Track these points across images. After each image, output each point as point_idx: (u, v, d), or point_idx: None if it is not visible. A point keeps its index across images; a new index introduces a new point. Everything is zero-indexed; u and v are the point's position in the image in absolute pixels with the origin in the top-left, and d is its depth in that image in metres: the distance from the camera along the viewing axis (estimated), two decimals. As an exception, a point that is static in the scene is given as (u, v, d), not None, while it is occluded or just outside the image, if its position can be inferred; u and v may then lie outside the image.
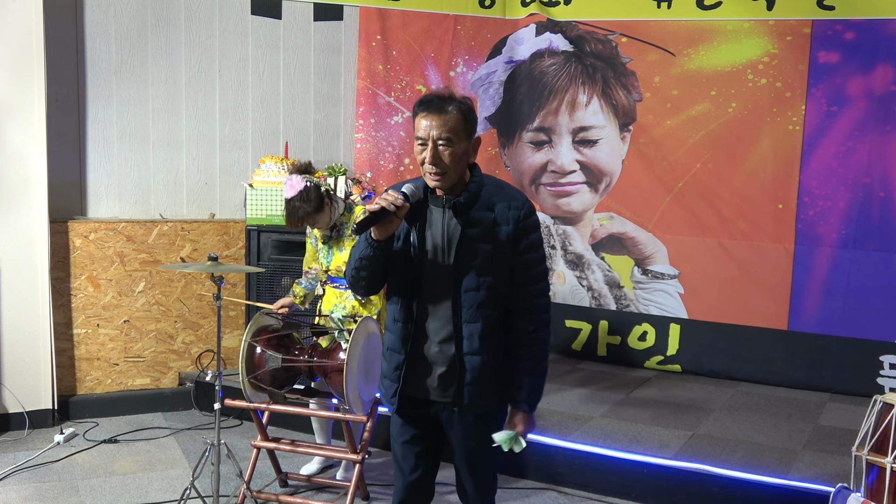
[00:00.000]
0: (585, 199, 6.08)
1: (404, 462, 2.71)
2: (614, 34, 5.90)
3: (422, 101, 2.49)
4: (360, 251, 2.50)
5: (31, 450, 4.66)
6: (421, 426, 2.68)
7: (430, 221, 2.53)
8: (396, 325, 2.59)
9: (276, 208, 5.26)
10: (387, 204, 2.39)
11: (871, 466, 3.27)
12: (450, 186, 2.52)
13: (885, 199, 5.22)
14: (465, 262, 2.50)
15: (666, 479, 4.10)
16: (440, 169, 2.46)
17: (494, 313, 2.55)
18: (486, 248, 2.51)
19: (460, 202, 2.51)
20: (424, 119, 2.46)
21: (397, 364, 2.60)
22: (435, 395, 2.60)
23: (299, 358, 3.85)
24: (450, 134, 2.44)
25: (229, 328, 5.62)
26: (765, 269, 5.53)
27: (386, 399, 2.68)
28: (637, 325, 5.95)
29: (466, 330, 2.52)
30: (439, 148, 2.45)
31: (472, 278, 2.50)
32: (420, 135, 2.47)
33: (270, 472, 4.26)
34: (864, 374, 5.26)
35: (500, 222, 2.53)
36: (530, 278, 2.58)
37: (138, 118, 5.54)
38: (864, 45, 5.19)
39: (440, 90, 2.53)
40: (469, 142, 2.52)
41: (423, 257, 2.53)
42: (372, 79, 6.07)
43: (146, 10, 5.49)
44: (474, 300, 2.51)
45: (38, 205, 4.96)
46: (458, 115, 2.46)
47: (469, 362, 2.54)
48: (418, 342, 2.57)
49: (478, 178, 2.57)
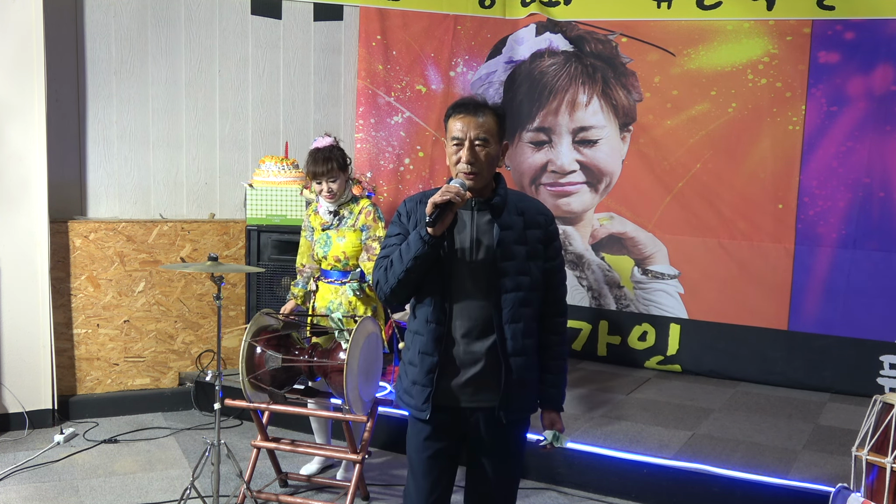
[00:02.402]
0: (585, 199, 6.08)
1: (425, 479, 2.63)
2: (614, 34, 5.90)
3: (457, 105, 2.57)
4: (416, 251, 2.46)
5: (31, 450, 4.66)
6: (447, 438, 2.61)
7: (459, 223, 2.56)
8: (429, 326, 2.56)
9: (276, 208, 5.26)
10: (452, 196, 2.42)
11: (871, 466, 3.27)
12: (480, 188, 2.56)
13: (885, 199, 5.22)
14: (503, 262, 2.53)
15: (666, 479, 4.10)
16: (476, 168, 2.51)
17: (532, 313, 2.59)
18: (520, 251, 2.56)
19: (496, 203, 2.56)
20: (461, 121, 2.52)
21: (430, 367, 2.55)
22: (468, 401, 2.56)
23: (299, 358, 3.85)
24: (486, 135, 2.51)
25: (229, 328, 5.62)
26: (765, 269, 5.53)
27: (415, 408, 2.60)
28: (637, 325, 5.96)
29: (509, 330, 2.53)
30: (476, 148, 2.50)
31: (511, 279, 2.53)
32: (456, 135, 2.52)
33: (270, 472, 4.26)
34: (864, 374, 5.26)
35: (530, 226, 2.59)
36: (559, 281, 2.68)
37: (138, 118, 5.54)
38: (864, 45, 5.19)
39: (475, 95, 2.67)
40: (500, 146, 2.58)
41: (454, 259, 2.54)
42: (372, 79, 6.07)
43: (146, 10, 5.49)
44: (514, 300, 2.53)
45: (38, 205, 4.96)
46: (494, 118, 2.54)
47: (514, 363, 2.54)
48: (448, 345, 2.55)
49: (504, 186, 2.63)
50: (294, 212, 5.26)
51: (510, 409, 2.57)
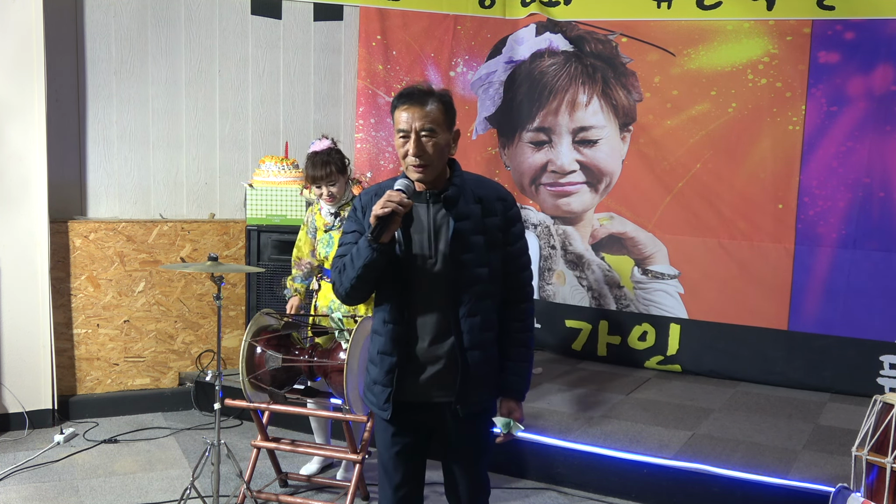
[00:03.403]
0: (585, 199, 6.08)
1: (395, 473, 2.64)
2: (614, 34, 5.90)
3: (402, 94, 2.48)
4: (365, 258, 2.42)
5: (31, 450, 4.66)
6: (413, 434, 2.62)
7: (415, 219, 2.51)
8: (387, 326, 2.53)
9: (276, 208, 5.26)
10: (394, 207, 2.37)
11: (871, 466, 3.27)
12: (432, 180, 2.50)
13: (885, 199, 5.22)
14: (460, 255, 2.48)
15: (666, 479, 4.10)
16: (424, 160, 2.45)
17: (491, 305, 2.54)
18: (478, 241, 2.50)
19: (450, 195, 2.49)
20: (405, 111, 2.45)
21: (389, 367, 2.54)
22: (432, 396, 2.56)
23: (299, 358, 3.85)
24: (432, 125, 2.44)
25: (229, 328, 5.62)
26: (765, 269, 5.53)
27: (377, 406, 2.60)
28: (637, 325, 5.95)
29: (466, 325, 2.49)
30: (422, 139, 2.44)
31: (468, 272, 2.48)
32: (402, 127, 2.46)
33: (270, 472, 4.26)
34: (864, 374, 5.26)
35: (488, 213, 2.53)
36: (521, 266, 2.62)
37: (138, 118, 5.54)
38: (864, 45, 5.18)
39: (419, 83, 2.52)
40: (450, 133, 2.51)
41: (410, 256, 2.49)
42: (372, 79, 6.07)
43: (146, 10, 5.49)
44: (472, 294, 2.49)
45: (38, 205, 4.96)
46: (440, 106, 2.46)
47: (470, 357, 2.51)
48: (409, 343, 2.53)
49: (459, 173, 2.57)
50: (294, 212, 5.26)
51: (467, 402, 2.55)
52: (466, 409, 2.56)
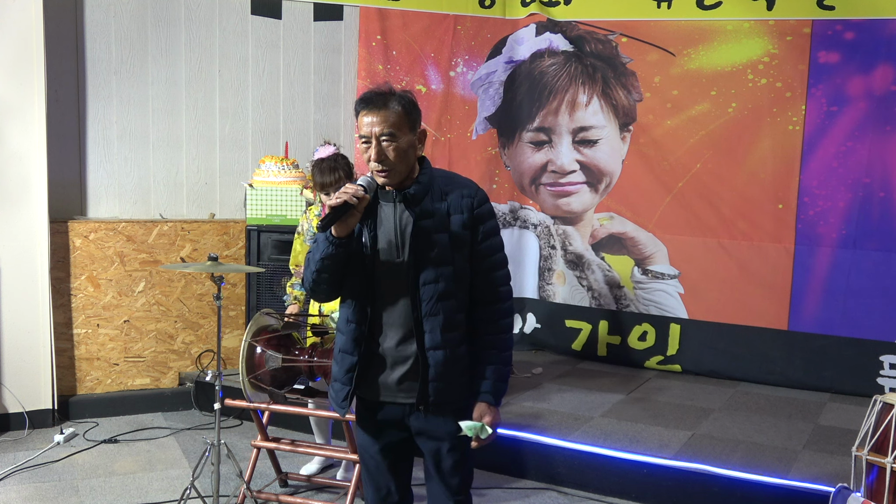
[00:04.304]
0: (585, 199, 6.08)
1: (376, 473, 2.64)
2: (614, 34, 5.90)
3: (362, 99, 2.47)
4: (322, 252, 2.42)
5: (31, 450, 4.66)
6: (392, 433, 2.59)
7: (382, 218, 2.50)
8: (349, 326, 2.52)
9: (276, 208, 5.26)
10: (348, 197, 2.36)
11: (871, 466, 3.27)
12: (398, 182, 2.49)
13: (885, 199, 5.22)
14: (421, 254, 2.45)
15: (666, 479, 4.10)
16: (386, 166, 2.44)
17: (455, 305, 2.49)
18: (441, 239, 2.47)
19: (410, 194, 2.47)
20: (366, 116, 2.44)
21: (349, 366, 2.52)
22: (398, 397, 2.52)
23: (299, 358, 3.85)
24: (392, 129, 2.41)
25: (229, 328, 5.62)
26: (765, 269, 5.53)
27: (336, 403, 2.58)
28: (637, 325, 5.95)
29: (427, 324, 2.46)
30: (383, 144, 2.43)
31: (430, 271, 2.45)
32: (363, 133, 2.45)
33: (270, 472, 4.26)
34: (864, 374, 5.26)
35: (454, 211, 2.50)
36: (492, 265, 2.55)
37: (138, 118, 5.54)
38: (864, 45, 5.19)
39: (380, 86, 2.49)
40: (414, 135, 2.48)
41: (376, 255, 2.48)
42: (372, 79, 6.06)
43: (146, 10, 5.49)
44: (433, 292, 2.45)
45: (38, 205, 4.96)
46: (400, 110, 2.43)
47: (432, 357, 2.47)
48: (374, 343, 2.51)
49: (427, 171, 2.54)
50: (294, 212, 5.26)
51: (430, 403, 2.50)
52: (431, 411, 2.52)
